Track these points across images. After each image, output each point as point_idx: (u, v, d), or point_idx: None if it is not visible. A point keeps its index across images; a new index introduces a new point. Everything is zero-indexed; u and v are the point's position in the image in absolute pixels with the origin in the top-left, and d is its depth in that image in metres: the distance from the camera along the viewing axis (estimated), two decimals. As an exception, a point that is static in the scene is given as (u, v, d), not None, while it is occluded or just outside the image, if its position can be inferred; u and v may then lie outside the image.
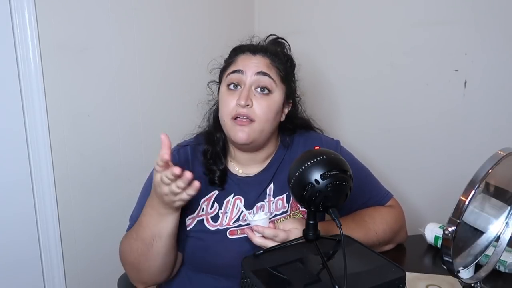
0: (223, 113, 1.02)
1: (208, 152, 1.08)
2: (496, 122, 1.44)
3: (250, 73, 1.01)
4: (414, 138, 1.62)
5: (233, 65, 1.04)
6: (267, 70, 1.02)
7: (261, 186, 1.07)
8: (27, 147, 1.32)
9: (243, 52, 1.06)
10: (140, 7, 1.51)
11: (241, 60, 1.04)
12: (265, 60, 1.04)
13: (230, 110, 1.00)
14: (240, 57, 1.05)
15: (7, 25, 1.24)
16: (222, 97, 1.04)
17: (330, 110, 1.35)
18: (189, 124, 1.16)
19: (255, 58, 1.03)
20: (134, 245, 0.97)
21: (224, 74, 1.06)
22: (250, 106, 0.99)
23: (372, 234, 1.05)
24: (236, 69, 1.02)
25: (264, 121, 1.01)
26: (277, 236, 0.90)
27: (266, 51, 1.05)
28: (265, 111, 1.00)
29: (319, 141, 1.14)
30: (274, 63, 1.04)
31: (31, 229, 1.36)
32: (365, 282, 0.71)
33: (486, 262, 0.88)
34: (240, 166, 1.10)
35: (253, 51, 1.05)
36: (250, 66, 1.01)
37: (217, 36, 1.74)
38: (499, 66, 1.41)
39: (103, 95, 1.46)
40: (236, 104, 0.99)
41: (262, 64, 1.02)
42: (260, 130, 1.01)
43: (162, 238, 0.94)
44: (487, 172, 0.70)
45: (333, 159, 0.74)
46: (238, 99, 0.99)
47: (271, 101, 1.02)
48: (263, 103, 1.00)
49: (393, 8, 1.58)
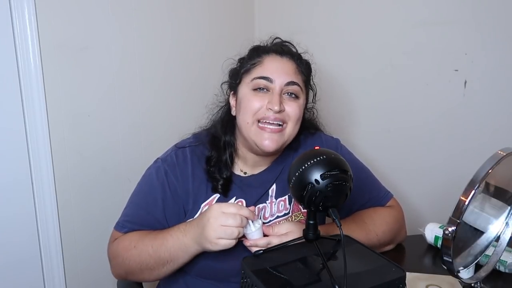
0: (247, 113, 0.99)
1: (212, 159, 1.05)
2: (496, 122, 1.44)
3: (280, 81, 0.97)
4: (414, 138, 1.62)
5: (259, 68, 0.99)
6: (295, 77, 0.99)
7: (263, 187, 1.06)
8: (27, 147, 1.32)
9: (267, 52, 1.01)
10: (140, 7, 1.51)
11: (268, 63, 0.99)
12: (292, 64, 1.00)
13: (256, 111, 0.98)
14: (266, 58, 1.00)
15: (7, 25, 1.24)
16: (247, 98, 0.99)
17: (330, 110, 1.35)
18: (189, 124, 1.16)
19: (283, 62, 1.00)
20: (146, 258, 0.95)
21: (247, 75, 1.01)
22: (283, 111, 0.98)
23: (372, 235, 1.05)
24: (264, 75, 0.98)
25: (296, 123, 1.01)
26: (270, 244, 0.91)
27: (293, 54, 1.02)
28: (296, 113, 1.00)
29: (319, 140, 1.14)
30: (300, 67, 1.02)
31: (31, 229, 1.36)
32: (365, 282, 0.71)
33: (486, 262, 0.88)
34: (246, 167, 1.08)
35: (280, 53, 1.01)
36: (279, 74, 0.97)
37: (217, 36, 1.74)
38: (499, 66, 1.41)
39: (103, 95, 1.46)
40: (266, 108, 0.97)
41: (291, 71, 0.99)
42: (290, 134, 1.01)
43: (175, 264, 0.95)
44: (487, 172, 0.70)
45: (333, 159, 0.74)
46: (270, 103, 0.96)
47: (300, 104, 1.01)
48: (293, 105, 0.99)
49: (393, 8, 1.58)
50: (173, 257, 0.93)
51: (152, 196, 1.03)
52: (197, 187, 1.03)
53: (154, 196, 1.02)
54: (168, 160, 1.05)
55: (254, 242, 0.92)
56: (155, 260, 0.94)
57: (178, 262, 0.95)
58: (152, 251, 0.94)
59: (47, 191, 1.36)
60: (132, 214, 1.03)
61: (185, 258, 0.94)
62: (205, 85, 1.13)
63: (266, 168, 1.08)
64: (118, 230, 1.03)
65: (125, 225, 1.03)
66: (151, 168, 1.06)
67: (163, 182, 1.02)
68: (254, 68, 1.00)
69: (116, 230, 1.04)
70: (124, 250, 0.98)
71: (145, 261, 0.95)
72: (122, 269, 1.00)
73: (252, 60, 1.02)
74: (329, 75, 1.72)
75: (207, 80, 1.12)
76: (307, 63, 1.07)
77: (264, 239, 0.92)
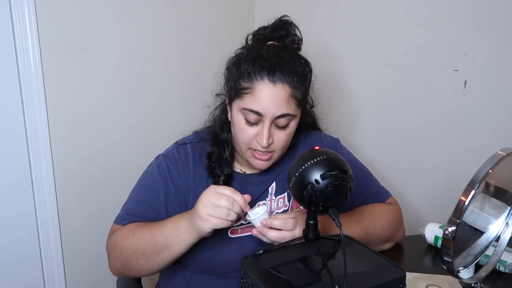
0: (241, 142, 0.99)
1: (213, 155, 1.05)
2: (496, 122, 1.44)
3: (270, 115, 0.94)
4: (414, 138, 1.62)
5: (251, 98, 0.94)
6: (287, 107, 0.94)
7: (263, 185, 1.07)
8: (27, 147, 1.32)
9: (260, 77, 0.93)
10: (140, 7, 1.51)
11: (260, 93, 0.93)
12: (285, 91, 0.93)
13: (248, 142, 0.98)
14: (258, 87, 0.93)
15: (7, 25, 1.24)
16: (239, 125, 0.98)
17: (330, 110, 1.35)
18: (189, 124, 1.16)
19: (276, 91, 0.93)
20: (142, 245, 0.94)
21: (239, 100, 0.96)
22: (271, 144, 0.97)
23: (371, 229, 1.06)
24: (255, 110, 0.93)
25: (283, 149, 1.01)
26: (288, 223, 0.90)
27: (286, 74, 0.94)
28: (285, 141, 0.99)
29: (319, 139, 1.14)
30: (294, 89, 0.95)
31: (31, 229, 1.36)
32: (365, 282, 0.71)
33: (486, 262, 0.88)
34: (244, 167, 1.09)
35: (272, 77, 0.93)
36: (270, 107, 0.93)
37: (217, 36, 1.74)
38: (499, 66, 1.41)
39: (103, 95, 1.46)
40: (256, 141, 0.96)
41: (282, 101, 0.94)
42: (279, 156, 1.02)
43: (170, 253, 0.93)
44: (487, 172, 0.70)
45: (333, 159, 0.74)
46: (259, 137, 0.95)
47: (290, 130, 0.99)
48: (282, 136, 0.98)
49: (393, 8, 1.58)
50: (168, 243, 0.92)
51: (154, 190, 1.03)
52: (197, 183, 1.03)
53: (156, 190, 1.02)
54: (169, 156, 1.05)
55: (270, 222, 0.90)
56: (151, 247, 0.93)
57: (173, 251, 0.92)
58: (149, 237, 0.94)
59: (47, 191, 1.36)
60: (133, 208, 1.03)
61: (180, 245, 0.92)
62: (205, 85, 1.13)
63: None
64: (118, 223, 1.03)
65: (125, 217, 1.02)
66: (153, 164, 1.06)
67: (166, 177, 1.02)
68: (245, 95, 0.95)
69: (115, 224, 1.03)
70: (122, 239, 0.98)
71: (141, 248, 0.94)
72: (119, 261, 0.99)
73: (243, 81, 0.95)
74: (329, 75, 1.72)
75: (207, 80, 1.12)
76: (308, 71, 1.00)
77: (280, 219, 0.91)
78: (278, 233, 0.90)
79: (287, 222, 0.90)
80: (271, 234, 0.90)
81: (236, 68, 0.98)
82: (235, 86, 0.97)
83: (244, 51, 1.01)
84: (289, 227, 0.90)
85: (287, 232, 0.90)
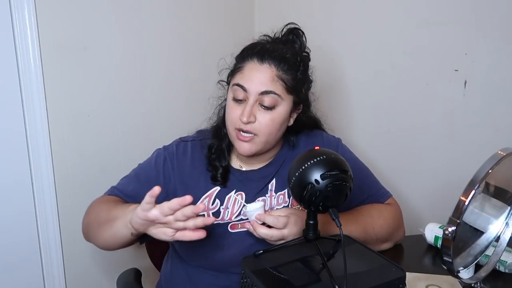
0: (228, 122, 1.03)
1: (213, 146, 1.08)
2: (496, 122, 1.44)
3: (254, 92, 0.97)
4: (414, 138, 1.62)
5: (239, 74, 1.01)
6: (272, 85, 0.98)
7: (263, 181, 1.07)
8: (27, 147, 1.32)
9: (251, 58, 1.01)
10: (140, 7, 1.51)
11: (247, 71, 1.00)
12: (271, 71, 0.98)
13: (234, 122, 1.00)
14: (247, 65, 1.00)
15: (7, 25, 1.24)
16: (228, 106, 1.03)
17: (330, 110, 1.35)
18: (189, 124, 1.16)
19: (261, 70, 0.98)
20: (103, 210, 1.00)
21: (232, 79, 1.03)
22: (253, 122, 0.98)
23: (369, 228, 1.06)
24: (241, 83, 0.99)
25: (267, 134, 1.00)
26: (279, 221, 0.90)
27: (275, 57, 0.99)
28: (268, 125, 0.99)
29: (321, 139, 1.14)
30: (281, 72, 0.99)
31: (31, 229, 1.36)
32: (365, 282, 0.71)
33: (486, 262, 0.88)
34: (242, 163, 1.10)
35: (261, 58, 0.99)
36: (254, 83, 0.98)
37: (217, 36, 1.74)
38: (499, 66, 1.41)
39: (103, 95, 1.46)
40: (240, 119, 0.98)
41: (267, 79, 0.98)
42: (264, 142, 1.02)
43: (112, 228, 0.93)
44: (487, 172, 0.70)
45: (333, 159, 0.74)
46: (241, 114, 0.98)
47: (276, 114, 1.00)
48: (266, 117, 0.99)
49: (394, 8, 1.58)
50: (115, 216, 0.93)
51: (145, 174, 1.08)
52: (195, 180, 1.06)
53: (147, 175, 1.08)
54: (169, 148, 1.11)
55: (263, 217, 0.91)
56: (106, 213, 0.97)
57: (116, 226, 0.91)
58: (113, 205, 0.99)
59: (47, 191, 1.36)
60: (123, 184, 1.09)
61: (120, 224, 0.90)
62: (205, 84, 1.14)
63: (266, 164, 1.09)
64: (105, 193, 1.09)
65: (112, 190, 1.08)
66: (154, 152, 1.13)
67: (159, 167, 1.07)
68: (236, 73, 1.02)
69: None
70: (96, 201, 1.06)
71: (101, 212, 1.00)
72: (84, 222, 1.06)
73: (237, 63, 1.04)
74: (329, 75, 1.72)
75: (207, 79, 1.13)
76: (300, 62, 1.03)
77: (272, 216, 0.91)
78: (267, 230, 0.91)
79: (278, 220, 0.90)
80: (260, 230, 0.91)
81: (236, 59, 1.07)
82: (232, 69, 1.05)
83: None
84: (279, 225, 0.90)
85: (275, 230, 0.90)
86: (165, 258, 1.18)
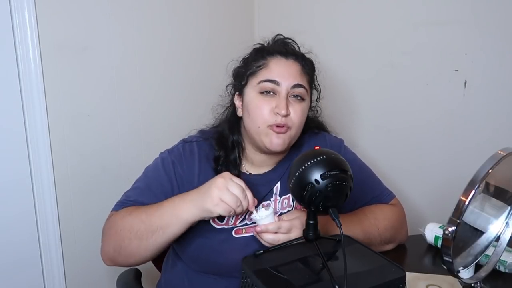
0: (258, 120, 0.99)
1: (220, 159, 1.05)
2: (496, 122, 1.44)
3: (286, 84, 0.97)
4: (414, 138, 1.62)
5: (265, 71, 0.99)
6: (301, 79, 1.00)
7: (269, 185, 1.07)
8: (27, 147, 1.32)
9: (272, 54, 1.01)
10: (140, 7, 1.51)
11: (274, 66, 0.99)
12: (297, 66, 1.00)
13: (267, 118, 0.98)
14: (272, 61, 1.00)
15: (7, 25, 1.24)
16: (254, 103, 1.00)
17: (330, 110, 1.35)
18: (189, 124, 1.16)
19: (289, 64, 1.00)
20: (137, 224, 0.93)
21: (253, 77, 1.01)
22: (289, 115, 0.98)
23: (373, 229, 1.05)
24: (271, 78, 0.98)
25: (299, 127, 1.02)
26: (281, 227, 0.90)
27: (297, 54, 1.02)
28: (300, 116, 1.00)
29: (323, 140, 1.14)
30: (305, 69, 1.02)
31: (31, 229, 1.36)
32: (365, 282, 0.71)
33: (486, 262, 0.88)
34: (251, 167, 1.09)
35: (284, 54, 1.01)
36: (285, 76, 0.98)
37: (217, 36, 1.74)
38: (499, 66, 1.41)
39: (103, 95, 1.46)
40: (274, 112, 0.97)
41: (297, 72, 1.00)
42: (294, 136, 1.02)
43: (165, 235, 0.92)
44: (487, 172, 0.70)
45: (333, 159, 0.74)
46: (277, 107, 0.97)
47: (305, 106, 1.02)
48: (298, 109, 1.00)
49: (393, 8, 1.58)
50: (164, 224, 0.91)
51: (157, 182, 1.03)
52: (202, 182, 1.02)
53: (160, 182, 1.03)
54: (175, 151, 1.07)
55: (265, 227, 0.91)
56: (146, 226, 0.92)
57: (168, 232, 0.91)
58: (145, 216, 0.93)
59: (47, 191, 1.36)
60: (133, 195, 1.03)
61: (175, 226, 0.91)
62: (205, 84, 1.14)
63: (272, 168, 1.09)
64: (116, 209, 1.02)
65: (124, 203, 1.02)
66: (158, 158, 1.07)
67: (170, 172, 1.03)
68: (260, 70, 1.00)
69: (114, 211, 1.02)
70: (119, 218, 0.97)
71: (136, 227, 0.92)
72: (112, 243, 0.97)
73: (257, 62, 1.02)
74: (329, 75, 1.72)
75: (207, 79, 1.13)
76: (311, 62, 1.07)
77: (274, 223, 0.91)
78: (273, 235, 0.91)
79: (281, 227, 0.91)
80: (266, 237, 0.91)
81: (245, 63, 1.05)
82: (247, 71, 1.02)
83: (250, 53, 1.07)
84: (283, 230, 0.91)
85: (282, 235, 0.91)
86: (165, 258, 1.18)
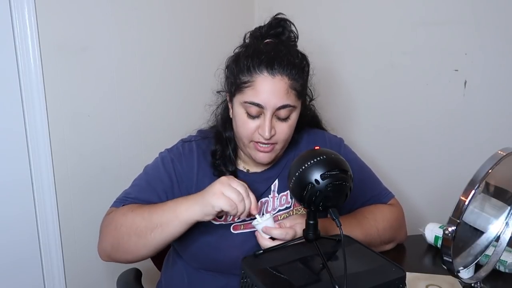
0: (243, 135, 0.99)
1: (217, 153, 1.06)
2: (496, 122, 1.44)
3: (271, 106, 0.95)
4: (414, 138, 1.62)
5: (251, 91, 0.95)
6: (287, 98, 0.96)
7: (266, 182, 1.07)
8: (27, 147, 1.32)
9: (259, 70, 0.95)
10: (140, 7, 1.51)
11: (260, 87, 0.95)
12: (284, 83, 0.95)
13: (250, 135, 0.98)
14: (258, 80, 0.95)
15: (7, 25, 1.24)
16: (241, 119, 0.98)
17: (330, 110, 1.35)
18: (189, 124, 1.16)
19: (275, 84, 0.95)
20: (138, 221, 0.93)
21: (239, 94, 0.98)
22: (273, 135, 0.98)
23: (373, 230, 1.05)
24: (256, 102, 0.95)
25: (285, 141, 1.01)
26: (288, 234, 0.90)
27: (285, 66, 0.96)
28: (286, 133, 1.00)
29: (323, 139, 1.14)
30: (293, 81, 0.97)
31: (31, 229, 1.36)
32: (365, 282, 0.71)
33: (486, 262, 0.88)
34: (247, 165, 1.09)
35: (271, 69, 0.95)
36: (271, 99, 0.94)
37: (217, 36, 1.74)
38: (499, 66, 1.41)
39: (103, 95, 1.46)
40: (258, 133, 0.97)
41: (282, 92, 0.95)
42: (282, 148, 1.03)
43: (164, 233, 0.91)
44: (487, 172, 0.70)
45: (333, 159, 0.74)
46: (261, 129, 0.96)
47: (291, 121, 1.00)
48: (284, 128, 0.99)
49: (393, 8, 1.58)
50: (164, 221, 0.91)
51: (158, 179, 1.03)
52: (201, 179, 1.04)
53: (160, 179, 1.03)
54: (174, 150, 1.08)
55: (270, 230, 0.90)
56: (146, 223, 0.92)
57: (167, 230, 0.91)
58: (148, 214, 0.93)
59: (47, 191, 1.36)
60: (134, 192, 1.03)
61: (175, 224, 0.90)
62: (205, 84, 1.13)
63: (270, 166, 1.09)
64: (116, 206, 1.02)
65: (125, 200, 1.01)
66: (157, 157, 1.08)
67: (169, 170, 1.04)
68: (246, 89, 0.96)
69: (113, 206, 1.02)
70: (121, 215, 0.97)
71: (137, 223, 0.92)
72: (111, 238, 0.97)
73: (243, 75, 0.97)
74: (329, 75, 1.72)
75: (207, 79, 1.12)
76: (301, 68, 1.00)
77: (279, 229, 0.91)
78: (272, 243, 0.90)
79: (287, 233, 0.90)
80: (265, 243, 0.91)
81: (235, 65, 1.00)
82: (235, 81, 0.99)
83: (242, 49, 1.03)
84: (288, 238, 0.90)
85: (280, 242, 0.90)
86: (165, 258, 1.18)
